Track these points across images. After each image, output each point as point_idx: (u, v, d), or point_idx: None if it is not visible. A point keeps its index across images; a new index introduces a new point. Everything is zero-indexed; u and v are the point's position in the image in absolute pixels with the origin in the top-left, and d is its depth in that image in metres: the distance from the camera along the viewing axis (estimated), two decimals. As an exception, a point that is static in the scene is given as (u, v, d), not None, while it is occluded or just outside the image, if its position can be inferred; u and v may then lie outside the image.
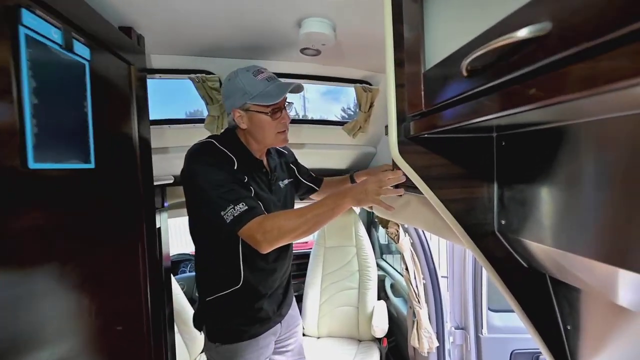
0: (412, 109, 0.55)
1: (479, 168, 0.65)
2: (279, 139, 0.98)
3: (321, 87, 6.35)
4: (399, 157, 0.62)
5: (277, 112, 0.93)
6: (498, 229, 0.65)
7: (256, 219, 0.84)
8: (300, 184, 1.26)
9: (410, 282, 1.45)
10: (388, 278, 2.21)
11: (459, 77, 0.41)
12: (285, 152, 1.19)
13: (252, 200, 0.88)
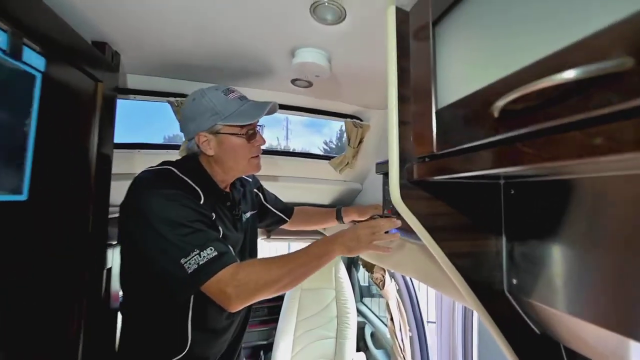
0: (421, 150, 0.49)
1: (486, 218, 0.59)
2: (252, 164, 0.87)
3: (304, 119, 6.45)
4: (400, 203, 0.55)
5: (252, 134, 0.83)
6: (508, 289, 0.58)
7: (228, 269, 0.69)
8: (268, 213, 1.14)
9: (395, 334, 1.32)
10: (368, 325, 2.06)
11: (488, 119, 0.34)
12: (249, 180, 1.07)
13: (222, 244, 0.72)
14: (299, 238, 1.97)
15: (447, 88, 0.44)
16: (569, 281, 0.46)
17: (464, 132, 0.38)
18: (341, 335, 1.85)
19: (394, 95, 0.56)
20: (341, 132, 14.96)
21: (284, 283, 0.73)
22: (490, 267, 0.58)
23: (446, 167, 0.43)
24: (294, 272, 0.74)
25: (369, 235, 0.80)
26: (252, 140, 0.84)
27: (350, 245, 0.80)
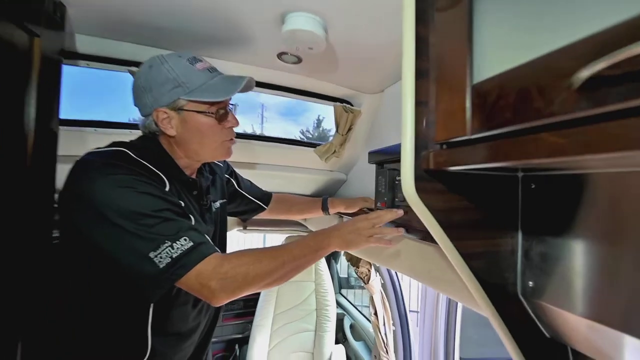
0: (445, 134, 0.41)
1: (501, 215, 0.53)
2: (222, 149, 0.75)
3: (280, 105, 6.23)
4: (414, 197, 0.47)
5: (223, 114, 0.71)
6: (522, 291, 0.53)
7: (209, 260, 0.61)
8: (243, 200, 1.04)
9: (379, 328, 1.28)
10: (347, 317, 2.02)
11: (561, 91, 0.26)
12: (219, 165, 0.95)
13: (198, 233, 0.63)
14: (276, 229, 1.87)
15: (489, 57, 0.36)
16: (592, 284, 0.42)
17: (521, 109, 0.30)
18: (320, 328, 1.80)
19: (410, 69, 0.47)
20: (318, 121, 14.68)
21: (276, 277, 0.66)
22: (505, 268, 0.53)
23: (486, 153, 0.35)
24: (287, 266, 0.67)
25: (370, 229, 0.73)
26: (223, 121, 0.72)
27: (349, 239, 0.73)
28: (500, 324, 0.52)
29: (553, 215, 0.48)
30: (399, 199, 0.79)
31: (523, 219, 0.53)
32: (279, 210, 1.14)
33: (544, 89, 0.29)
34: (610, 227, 0.40)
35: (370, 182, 1.22)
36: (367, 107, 1.05)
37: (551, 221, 0.48)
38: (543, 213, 0.50)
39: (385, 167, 0.89)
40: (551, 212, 0.49)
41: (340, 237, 0.73)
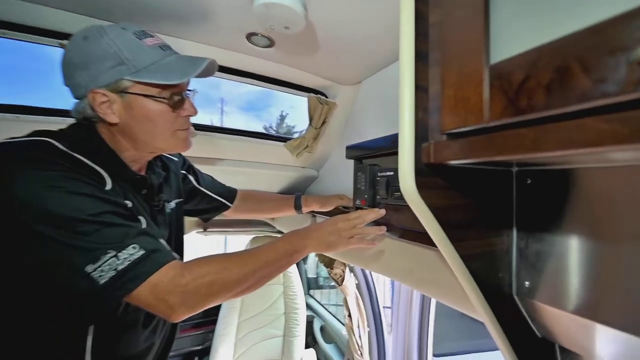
0: (455, 122, 0.35)
1: (497, 212, 0.50)
2: (178, 140, 0.64)
3: (241, 99, 6.00)
4: (415, 195, 0.41)
5: (179, 100, 0.61)
6: (517, 291, 0.50)
7: (167, 270, 0.52)
8: (204, 198, 0.93)
9: (353, 331, 1.24)
10: (317, 319, 1.96)
11: (620, 69, 0.22)
12: (173, 159, 0.84)
13: (151, 238, 0.55)
14: (240, 230, 1.76)
15: (509, 33, 0.31)
16: (585, 281, 0.41)
17: (559, 90, 0.26)
18: (289, 333, 1.72)
19: (409, 49, 0.42)
20: (282, 117, 14.44)
21: (245, 286, 0.59)
22: (500, 268, 0.51)
23: (511, 143, 0.30)
24: (259, 273, 0.60)
25: (351, 229, 0.68)
26: (178, 108, 0.62)
27: (328, 241, 0.68)
28: (496, 327, 0.49)
29: (549, 212, 0.46)
30: (380, 197, 0.75)
31: (518, 216, 0.50)
32: (246, 208, 1.04)
33: (592, 65, 0.24)
34: (606, 223, 0.39)
35: (344, 179, 1.17)
36: (342, 100, 0.99)
37: (547, 218, 0.46)
38: (539, 209, 0.48)
39: (365, 162, 0.83)
40: (547, 208, 0.47)
41: (318, 239, 0.68)
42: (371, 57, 0.80)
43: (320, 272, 2.19)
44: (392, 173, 0.71)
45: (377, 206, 0.78)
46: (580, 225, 0.42)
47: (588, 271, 0.41)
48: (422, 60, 0.42)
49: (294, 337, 1.70)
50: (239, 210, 1.02)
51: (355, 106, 1.01)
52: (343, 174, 1.17)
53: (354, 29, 0.68)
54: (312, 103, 0.97)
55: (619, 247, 0.37)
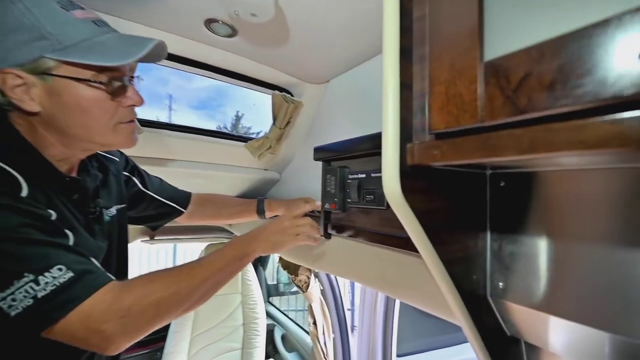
0: (449, 122, 0.33)
1: (473, 215, 0.51)
2: (121, 134, 0.55)
3: (192, 97, 5.65)
4: (400, 199, 0.39)
5: (119, 87, 0.52)
6: (491, 293, 0.51)
7: (102, 294, 0.46)
8: (151, 204, 0.83)
9: (318, 339, 1.20)
10: (278, 327, 1.89)
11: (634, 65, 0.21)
12: (113, 158, 0.73)
13: (81, 257, 0.47)
14: (192, 237, 1.63)
15: (509, 28, 0.29)
16: (553, 280, 0.43)
17: (565, 89, 0.24)
18: (249, 344, 1.62)
19: (393, 45, 0.39)
20: (237, 117, 13.93)
21: (195, 299, 0.56)
22: (475, 270, 0.51)
23: (505, 144, 0.28)
24: (208, 283, 0.57)
25: (296, 227, 0.70)
26: (119, 96, 0.53)
27: (275, 240, 0.68)
28: (473, 330, 0.49)
29: (522, 214, 0.47)
30: (352, 200, 0.72)
31: (492, 218, 0.51)
32: (203, 214, 0.94)
33: (599, 63, 0.23)
34: (571, 224, 0.41)
35: (308, 182, 1.13)
36: (308, 99, 0.95)
37: (520, 219, 0.47)
38: (512, 211, 0.49)
39: (334, 164, 0.80)
40: (520, 210, 0.48)
41: (266, 240, 0.67)
42: (341, 55, 0.77)
43: (281, 279, 2.12)
44: (364, 176, 0.69)
45: (348, 210, 0.75)
46: (547, 226, 0.43)
47: (553, 270, 0.43)
48: (406, 56, 0.40)
49: (253, 348, 1.61)
50: (194, 216, 0.92)
51: (321, 106, 0.97)
52: (307, 176, 1.13)
53: (326, 20, 0.64)
54: (276, 101, 0.92)
55: (580, 246, 0.40)
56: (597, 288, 0.38)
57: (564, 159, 0.37)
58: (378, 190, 0.65)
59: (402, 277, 0.64)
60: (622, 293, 0.36)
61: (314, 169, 1.05)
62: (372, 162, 0.68)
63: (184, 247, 4.00)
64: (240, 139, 1.09)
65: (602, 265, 0.38)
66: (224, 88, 6.59)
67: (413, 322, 1.39)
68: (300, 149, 1.14)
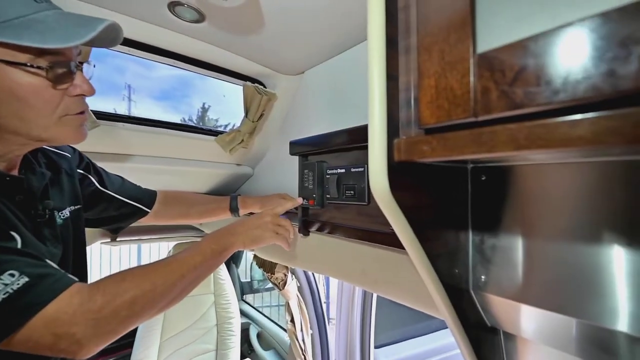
0: (439, 116, 0.32)
1: (455, 209, 0.51)
2: (67, 128, 0.50)
3: (154, 88, 5.31)
4: (388, 196, 0.37)
5: (64, 73, 0.46)
6: (473, 286, 0.52)
7: (69, 295, 0.43)
8: (111, 204, 0.76)
9: (296, 335, 1.18)
10: (253, 326, 1.85)
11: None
12: (65, 154, 0.66)
13: (35, 260, 0.44)
14: (158, 237, 1.54)
15: (502, 19, 0.28)
16: (537, 272, 0.43)
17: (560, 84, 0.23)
18: (223, 345, 1.57)
19: (378, 34, 0.37)
20: (203, 109, 13.32)
21: (172, 296, 0.53)
22: (458, 264, 0.51)
23: (499, 139, 0.27)
24: (185, 279, 0.55)
25: (277, 225, 0.69)
26: (64, 83, 0.47)
27: (254, 235, 0.67)
28: (457, 324, 0.50)
29: (502, 207, 0.48)
30: (331, 196, 0.70)
31: (473, 212, 0.51)
32: (170, 213, 0.88)
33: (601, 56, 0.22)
34: (549, 216, 0.42)
35: (283, 177, 1.10)
36: (282, 91, 0.91)
37: (500, 213, 0.48)
38: (493, 205, 0.49)
39: (311, 159, 0.78)
40: (500, 203, 0.48)
41: (245, 234, 0.66)
42: (317, 45, 0.74)
43: (254, 276, 2.07)
44: (344, 171, 0.67)
45: (327, 206, 0.73)
46: (525, 219, 0.44)
47: (530, 261, 0.44)
48: (392, 46, 0.38)
49: (228, 349, 1.56)
50: (160, 216, 0.86)
51: (296, 99, 0.94)
52: (282, 171, 1.09)
53: (302, 7, 0.61)
54: (248, 93, 0.87)
55: (554, 238, 0.41)
56: (569, 278, 0.39)
57: (548, 154, 0.37)
58: (359, 185, 0.63)
59: (384, 273, 0.64)
60: (587, 280, 0.37)
61: (289, 163, 1.02)
62: (350, 157, 0.67)
63: (149, 248, 3.76)
64: (209, 133, 1.03)
65: (574, 255, 0.39)
66: (189, 78, 6.23)
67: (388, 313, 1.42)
68: (274, 143, 1.10)
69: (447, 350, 1.47)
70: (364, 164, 0.63)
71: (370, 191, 0.63)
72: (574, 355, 0.41)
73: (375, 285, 0.67)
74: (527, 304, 0.44)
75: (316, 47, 0.75)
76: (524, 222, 0.44)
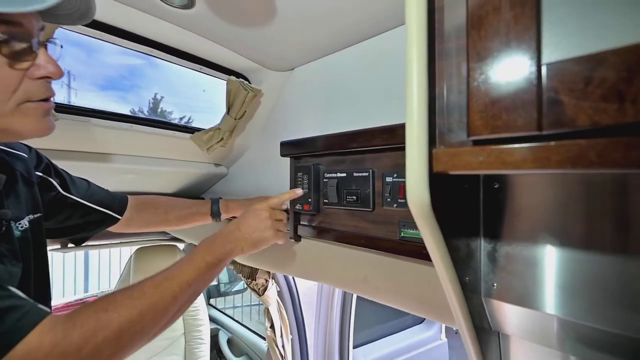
0: (496, 128, 0.30)
1: (469, 216, 0.51)
2: (29, 118, 0.41)
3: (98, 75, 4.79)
4: (427, 209, 0.35)
5: (23, 49, 0.38)
6: (485, 293, 0.53)
7: (38, 334, 0.35)
8: (76, 211, 0.67)
9: (276, 342, 1.14)
10: (223, 332, 1.75)
11: None
12: (20, 155, 0.56)
13: (2, 292, 0.36)
14: (117, 242, 1.39)
15: (572, 27, 0.27)
16: (559, 281, 0.44)
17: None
18: (191, 355, 1.47)
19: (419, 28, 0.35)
20: (155, 100, 12.32)
21: (164, 322, 0.47)
22: (470, 272, 0.51)
23: (566, 156, 0.26)
24: (179, 300, 0.48)
25: (276, 221, 0.63)
26: (23, 61, 0.38)
27: (256, 238, 0.60)
28: (471, 332, 0.50)
29: (514, 215, 0.48)
30: (329, 200, 0.67)
31: (485, 220, 0.51)
32: (145, 220, 0.79)
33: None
34: (563, 223, 0.42)
35: (261, 178, 1.04)
36: (268, 87, 0.85)
37: (512, 221, 0.49)
38: (505, 213, 0.49)
39: (304, 161, 0.74)
40: (512, 211, 0.49)
41: (244, 240, 0.59)
42: (311, 42, 0.70)
43: (221, 278, 1.97)
44: (344, 175, 0.64)
45: (323, 211, 0.70)
46: (535, 226, 0.44)
47: (543, 269, 0.44)
48: (432, 51, 0.36)
49: (197, 359, 1.46)
50: (132, 223, 0.76)
51: (282, 97, 0.89)
52: (260, 172, 1.04)
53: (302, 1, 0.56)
54: (233, 88, 0.80)
55: (571, 246, 0.41)
56: (585, 285, 0.40)
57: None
58: (363, 191, 0.61)
59: (387, 280, 0.62)
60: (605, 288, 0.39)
61: (268, 164, 0.97)
62: (352, 161, 0.64)
63: (98, 253, 3.33)
64: (184, 130, 0.94)
65: (589, 263, 0.40)
66: (138, 67, 5.63)
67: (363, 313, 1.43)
68: (255, 142, 1.04)
69: (422, 345, 1.53)
70: (370, 168, 0.60)
71: (376, 197, 0.62)
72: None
73: (377, 293, 0.66)
74: (536, 309, 0.45)
75: (309, 44, 0.70)
76: (537, 230, 0.44)
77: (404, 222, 0.57)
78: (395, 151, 0.59)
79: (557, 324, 0.46)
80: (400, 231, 0.57)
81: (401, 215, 0.58)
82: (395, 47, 0.63)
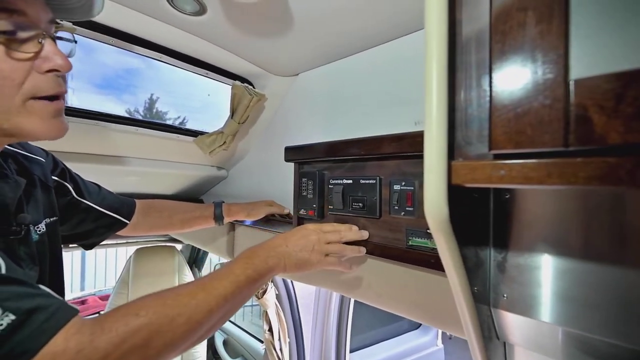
0: (525, 142, 0.30)
1: (480, 226, 0.51)
2: (37, 117, 0.39)
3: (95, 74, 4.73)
4: (446, 222, 0.35)
5: (31, 37, 0.36)
6: (494, 304, 0.53)
7: (64, 336, 0.33)
8: (89, 215, 0.65)
9: (274, 345, 1.13)
10: (219, 333, 1.74)
11: None
12: (38, 159, 0.54)
13: (24, 288, 0.34)
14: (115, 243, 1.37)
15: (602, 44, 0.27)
16: (569, 293, 0.44)
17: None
18: (188, 356, 1.44)
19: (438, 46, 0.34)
20: (151, 101, 12.19)
21: (195, 338, 0.42)
22: (478, 282, 0.51)
23: (594, 173, 0.26)
24: (214, 315, 0.43)
25: (325, 245, 0.56)
26: (28, 51, 0.36)
27: (299, 259, 0.54)
28: (479, 342, 0.49)
29: (524, 226, 0.48)
30: (334, 207, 0.66)
31: (495, 231, 0.51)
32: (149, 224, 0.78)
33: None
34: (576, 236, 0.42)
35: (260, 181, 1.03)
36: (271, 92, 0.84)
37: (522, 232, 0.48)
38: (514, 223, 0.49)
39: (309, 167, 0.73)
40: (522, 222, 0.48)
41: (289, 257, 0.53)
42: (317, 48, 0.69)
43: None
44: (350, 182, 0.63)
45: (328, 218, 0.69)
46: (548, 237, 0.45)
47: (553, 280, 0.44)
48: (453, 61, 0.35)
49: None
50: (139, 227, 0.75)
51: (285, 102, 0.88)
52: (260, 175, 1.03)
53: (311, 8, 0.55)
54: (237, 92, 0.79)
55: (581, 257, 0.41)
56: (595, 298, 0.40)
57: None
58: (369, 198, 0.60)
59: (393, 288, 0.62)
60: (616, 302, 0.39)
61: (268, 168, 0.96)
62: (359, 168, 0.64)
63: (94, 252, 3.25)
64: (187, 133, 0.92)
65: (599, 275, 0.40)
66: (135, 67, 5.52)
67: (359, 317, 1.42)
68: (256, 146, 1.03)
69: (418, 351, 1.52)
70: (376, 175, 0.60)
71: (382, 205, 0.61)
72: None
73: (379, 299, 0.65)
74: (543, 320, 0.45)
75: (315, 50, 0.70)
76: (547, 241, 0.44)
77: (412, 230, 0.57)
78: (403, 159, 0.59)
79: (563, 335, 0.46)
80: (408, 239, 0.57)
81: (409, 223, 0.57)
82: (399, 56, 0.63)
